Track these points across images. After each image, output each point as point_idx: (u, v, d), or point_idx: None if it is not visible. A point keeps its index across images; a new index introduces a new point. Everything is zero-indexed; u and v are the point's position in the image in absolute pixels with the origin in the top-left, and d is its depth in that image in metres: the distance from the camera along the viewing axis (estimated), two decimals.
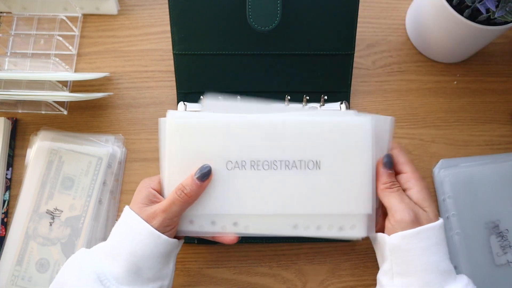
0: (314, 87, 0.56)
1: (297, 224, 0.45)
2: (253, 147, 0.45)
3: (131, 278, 0.41)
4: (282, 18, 0.51)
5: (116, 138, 0.58)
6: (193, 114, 0.46)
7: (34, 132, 0.58)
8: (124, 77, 0.61)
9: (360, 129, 0.45)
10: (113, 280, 0.40)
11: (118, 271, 0.41)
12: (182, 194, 0.43)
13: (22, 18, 0.63)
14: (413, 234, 0.42)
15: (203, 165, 0.44)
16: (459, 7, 0.53)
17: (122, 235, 0.43)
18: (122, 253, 0.41)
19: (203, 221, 0.45)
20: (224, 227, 0.45)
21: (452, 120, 0.60)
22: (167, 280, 0.44)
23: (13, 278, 0.52)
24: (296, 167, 0.45)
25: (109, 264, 0.41)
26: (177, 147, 0.45)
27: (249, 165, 0.45)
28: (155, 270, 0.42)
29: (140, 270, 0.41)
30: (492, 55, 0.63)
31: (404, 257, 0.42)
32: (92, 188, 0.55)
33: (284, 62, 0.55)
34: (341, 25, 0.54)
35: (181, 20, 0.53)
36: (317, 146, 0.45)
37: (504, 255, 0.53)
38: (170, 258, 0.44)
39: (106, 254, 0.42)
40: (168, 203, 0.43)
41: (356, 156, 0.45)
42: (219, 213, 0.45)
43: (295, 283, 0.54)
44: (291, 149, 0.45)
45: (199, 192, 0.44)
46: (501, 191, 0.55)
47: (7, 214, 0.55)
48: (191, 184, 0.43)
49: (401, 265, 0.42)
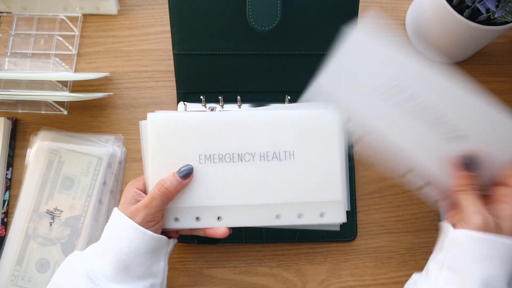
0: None
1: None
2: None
3: (120, 275, 0.42)
4: (282, 18, 0.51)
5: (116, 138, 0.58)
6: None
7: (34, 132, 0.58)
8: (124, 77, 0.61)
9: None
10: (103, 278, 0.41)
11: (107, 268, 0.42)
12: (162, 188, 0.44)
13: (22, 18, 0.63)
14: (480, 238, 0.40)
15: (186, 165, 0.46)
16: (459, 7, 0.53)
17: (109, 234, 0.44)
18: (110, 251, 0.42)
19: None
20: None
21: None
22: (159, 279, 0.45)
23: (13, 278, 0.52)
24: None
25: (98, 262, 0.42)
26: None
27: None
28: (144, 267, 0.43)
29: (128, 267, 0.42)
30: (492, 55, 0.63)
31: (461, 255, 0.40)
32: (92, 188, 0.55)
33: (284, 62, 0.55)
34: (341, 25, 0.54)
35: (181, 20, 0.53)
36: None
37: None
38: (160, 256, 0.45)
39: (95, 253, 0.43)
40: (149, 199, 0.44)
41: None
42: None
43: (295, 283, 0.54)
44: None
45: (179, 188, 0.45)
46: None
47: (7, 214, 0.55)
48: (172, 179, 0.45)
49: (454, 261, 0.41)
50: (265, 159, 0.47)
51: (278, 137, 0.47)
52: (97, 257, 0.43)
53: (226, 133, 0.47)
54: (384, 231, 0.56)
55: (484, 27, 0.51)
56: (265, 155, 0.47)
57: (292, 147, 0.47)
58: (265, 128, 0.47)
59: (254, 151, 0.47)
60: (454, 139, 0.45)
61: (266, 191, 0.47)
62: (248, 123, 0.47)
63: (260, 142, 0.47)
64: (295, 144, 0.47)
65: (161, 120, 0.47)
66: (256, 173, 0.47)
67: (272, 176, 0.47)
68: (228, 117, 0.47)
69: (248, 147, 0.47)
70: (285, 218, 0.47)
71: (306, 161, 0.47)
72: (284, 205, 0.47)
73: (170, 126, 0.47)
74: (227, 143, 0.47)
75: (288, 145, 0.47)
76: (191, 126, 0.47)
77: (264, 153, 0.47)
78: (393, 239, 0.56)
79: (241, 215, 0.47)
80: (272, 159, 0.47)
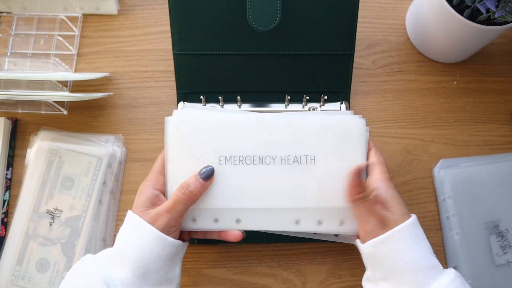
0: (314, 87, 0.56)
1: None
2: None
3: (138, 282, 0.41)
4: (282, 18, 0.51)
5: (116, 138, 0.58)
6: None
7: (34, 132, 0.58)
8: (124, 77, 0.61)
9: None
10: (120, 286, 0.40)
11: (125, 276, 0.40)
12: (187, 192, 0.43)
13: (22, 18, 0.63)
14: (382, 240, 0.42)
15: (207, 166, 0.45)
16: (459, 7, 0.53)
17: (127, 239, 0.42)
18: (128, 258, 0.41)
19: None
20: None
21: (452, 120, 0.60)
22: (174, 284, 0.44)
23: (13, 278, 0.52)
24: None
25: (115, 269, 0.41)
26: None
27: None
28: (162, 273, 0.42)
29: (147, 274, 0.41)
30: (492, 55, 0.63)
31: (381, 263, 0.42)
32: (92, 188, 0.55)
33: (284, 62, 0.55)
34: (341, 25, 0.54)
35: (181, 20, 0.53)
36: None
37: (504, 255, 0.53)
38: (176, 261, 0.44)
39: (112, 259, 0.42)
40: (172, 203, 0.43)
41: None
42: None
43: (295, 283, 0.54)
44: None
45: (202, 190, 0.44)
46: (501, 191, 0.55)
47: (7, 214, 0.55)
48: (195, 182, 0.44)
49: (381, 271, 0.42)
50: (286, 163, 0.46)
51: (300, 141, 0.46)
52: (114, 263, 0.41)
53: (248, 135, 0.46)
54: None
55: (484, 27, 0.51)
56: (286, 158, 0.46)
57: (314, 152, 0.46)
58: (288, 131, 0.46)
59: (275, 154, 0.46)
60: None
61: (286, 195, 0.45)
62: (270, 125, 0.46)
63: (281, 145, 0.46)
64: (316, 149, 0.46)
65: (182, 120, 0.46)
66: (276, 177, 0.46)
67: (293, 180, 0.46)
68: (250, 118, 0.46)
69: (270, 149, 0.46)
70: (305, 224, 0.46)
71: (328, 166, 0.46)
72: (304, 211, 0.46)
73: (191, 126, 0.46)
74: (248, 144, 0.46)
75: (310, 149, 0.46)
76: (212, 126, 0.46)
77: (285, 157, 0.46)
78: None
79: (260, 218, 0.46)
80: (293, 163, 0.46)
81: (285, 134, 0.46)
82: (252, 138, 0.46)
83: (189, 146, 0.45)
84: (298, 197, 0.46)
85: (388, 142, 0.59)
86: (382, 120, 0.60)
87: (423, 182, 0.58)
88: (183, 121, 0.46)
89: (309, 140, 0.46)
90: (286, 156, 0.46)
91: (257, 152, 0.46)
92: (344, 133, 0.46)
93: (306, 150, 0.46)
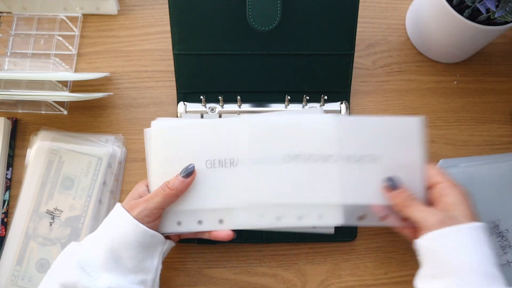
0: (314, 87, 0.56)
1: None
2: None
3: (111, 265, 0.42)
4: (282, 18, 0.51)
5: (116, 138, 0.58)
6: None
7: (34, 132, 0.58)
8: (124, 77, 0.61)
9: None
10: (94, 266, 0.42)
11: (99, 257, 0.42)
12: (166, 188, 0.45)
13: (22, 18, 0.63)
14: (438, 235, 0.41)
15: (188, 165, 0.47)
16: (459, 7, 0.53)
17: (106, 224, 0.45)
18: (103, 240, 0.43)
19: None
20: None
21: (452, 120, 0.60)
22: (151, 275, 0.45)
23: (13, 278, 0.52)
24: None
25: (91, 250, 0.43)
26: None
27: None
28: (136, 260, 0.43)
29: (119, 258, 0.43)
30: (492, 55, 0.63)
31: (435, 258, 0.41)
32: (92, 188, 0.55)
33: (284, 62, 0.55)
34: (341, 25, 0.54)
35: (181, 20, 0.53)
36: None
37: (504, 255, 0.53)
38: (154, 253, 0.45)
39: (89, 241, 0.44)
40: (150, 195, 0.46)
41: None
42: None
43: (295, 283, 0.54)
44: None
45: (182, 188, 0.46)
46: (501, 191, 0.54)
47: (7, 214, 0.55)
48: (174, 179, 0.46)
49: (435, 267, 0.41)
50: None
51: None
52: (90, 245, 0.44)
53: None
54: (384, 231, 0.56)
55: (484, 27, 0.51)
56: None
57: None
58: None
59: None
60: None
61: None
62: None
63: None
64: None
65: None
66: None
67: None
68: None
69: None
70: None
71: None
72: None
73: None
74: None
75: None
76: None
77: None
78: (393, 239, 0.56)
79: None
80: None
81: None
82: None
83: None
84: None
85: None
86: None
87: None
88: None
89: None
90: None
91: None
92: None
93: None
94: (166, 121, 0.49)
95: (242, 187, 0.47)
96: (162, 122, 0.49)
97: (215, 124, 0.47)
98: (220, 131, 0.47)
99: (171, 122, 0.49)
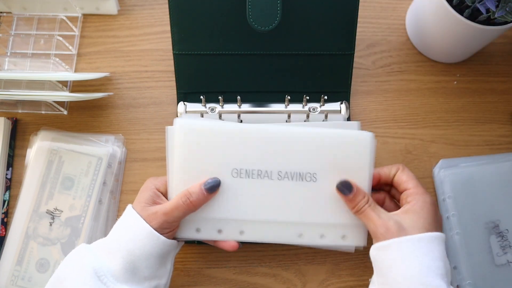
0: (314, 87, 0.56)
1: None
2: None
3: (128, 275, 0.41)
4: (282, 18, 0.51)
5: (116, 138, 0.58)
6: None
7: (34, 132, 0.58)
8: (124, 77, 0.61)
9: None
10: (111, 277, 0.41)
11: (116, 268, 0.41)
12: (188, 201, 0.44)
13: (22, 18, 0.63)
14: (383, 246, 0.42)
15: (214, 178, 0.45)
16: (459, 7, 0.53)
17: (121, 232, 0.43)
18: (120, 251, 0.42)
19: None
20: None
21: (452, 120, 0.60)
22: (164, 279, 0.44)
23: (13, 278, 0.52)
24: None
25: (107, 260, 0.42)
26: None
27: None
28: (153, 269, 0.43)
29: (137, 269, 0.42)
30: (492, 55, 0.63)
31: (380, 267, 0.42)
32: (92, 188, 0.55)
33: (284, 62, 0.55)
34: (341, 25, 0.54)
35: (181, 20, 0.53)
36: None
37: (504, 255, 0.53)
38: (168, 259, 0.45)
39: (104, 250, 0.42)
40: (171, 207, 0.43)
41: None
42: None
43: (295, 283, 0.54)
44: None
45: (204, 201, 0.45)
46: (501, 191, 0.54)
47: (7, 214, 0.55)
48: (198, 192, 0.44)
49: (381, 276, 0.42)
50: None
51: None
52: (106, 254, 0.42)
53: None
54: None
55: (484, 27, 0.51)
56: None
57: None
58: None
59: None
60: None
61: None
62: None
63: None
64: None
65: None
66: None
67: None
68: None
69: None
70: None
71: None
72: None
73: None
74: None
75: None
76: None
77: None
78: None
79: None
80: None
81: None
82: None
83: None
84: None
85: (388, 142, 0.59)
86: (382, 120, 0.60)
87: (423, 182, 0.57)
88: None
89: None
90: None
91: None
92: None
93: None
94: (190, 120, 0.47)
95: (268, 201, 0.46)
96: (187, 121, 0.47)
97: (245, 131, 0.46)
98: (250, 139, 0.46)
99: (196, 122, 0.47)
